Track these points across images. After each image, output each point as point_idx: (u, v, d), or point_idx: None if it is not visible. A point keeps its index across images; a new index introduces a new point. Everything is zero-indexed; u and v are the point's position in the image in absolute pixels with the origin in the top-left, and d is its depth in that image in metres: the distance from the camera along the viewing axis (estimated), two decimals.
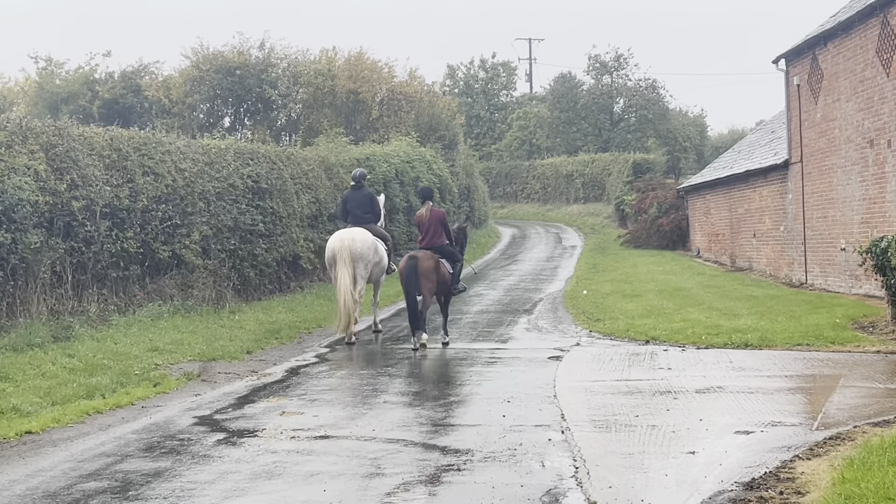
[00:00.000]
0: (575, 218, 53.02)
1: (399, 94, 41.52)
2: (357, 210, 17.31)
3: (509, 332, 17.49)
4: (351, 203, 17.51)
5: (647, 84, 64.21)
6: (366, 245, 16.42)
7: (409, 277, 15.27)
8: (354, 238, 16.35)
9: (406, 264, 15.39)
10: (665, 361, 13.48)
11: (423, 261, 15.34)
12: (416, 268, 15.26)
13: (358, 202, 17.41)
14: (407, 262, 15.44)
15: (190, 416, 10.45)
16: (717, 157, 38.25)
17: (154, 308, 16.90)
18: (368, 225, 17.11)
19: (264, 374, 13.35)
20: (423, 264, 15.31)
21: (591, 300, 21.62)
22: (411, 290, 15.31)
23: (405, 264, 15.42)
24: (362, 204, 17.38)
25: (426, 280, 15.27)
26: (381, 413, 10.39)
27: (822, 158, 22.39)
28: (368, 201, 17.54)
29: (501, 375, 12.84)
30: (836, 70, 21.57)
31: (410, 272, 15.27)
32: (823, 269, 22.53)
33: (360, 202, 17.41)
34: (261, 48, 42.69)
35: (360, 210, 17.30)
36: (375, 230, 17.23)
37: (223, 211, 19.58)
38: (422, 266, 15.28)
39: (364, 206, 17.39)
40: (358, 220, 17.18)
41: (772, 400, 10.45)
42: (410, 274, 15.27)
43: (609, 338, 16.43)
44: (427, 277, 15.28)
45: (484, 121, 70.54)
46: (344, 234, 16.51)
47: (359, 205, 17.36)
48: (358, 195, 17.55)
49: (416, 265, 15.28)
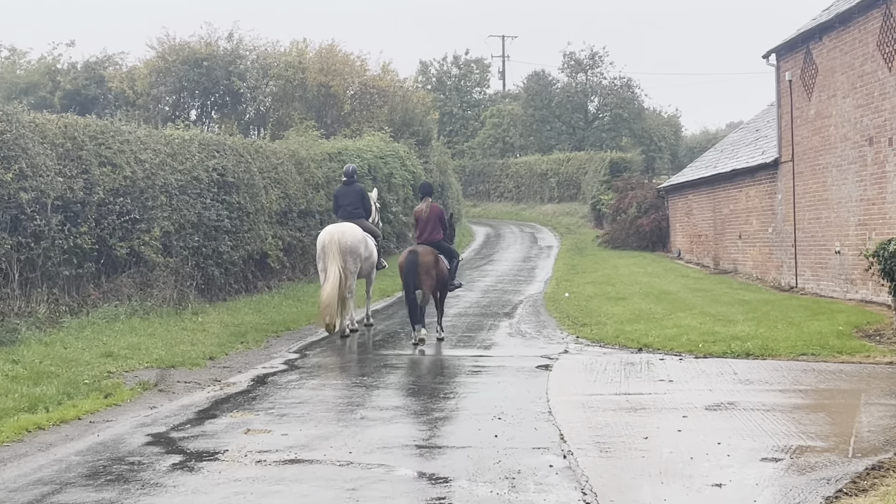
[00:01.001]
0: (549, 217, 52.04)
1: (372, 88, 40.40)
2: (348, 206, 17.20)
3: (491, 338, 16.40)
4: (342, 198, 17.41)
5: (623, 83, 63.44)
6: (356, 239, 16.30)
7: (409, 272, 15.16)
8: (344, 232, 16.23)
9: (406, 259, 15.29)
10: (664, 372, 12.44)
11: (423, 256, 15.24)
12: (416, 263, 15.17)
13: (349, 197, 17.31)
14: (407, 256, 15.34)
15: (143, 434, 9.29)
16: (699, 156, 37.37)
17: (110, 309, 15.69)
18: (358, 220, 17.03)
19: (228, 383, 12.19)
20: (424, 259, 15.22)
21: (575, 303, 20.59)
22: (411, 285, 15.19)
23: (405, 259, 15.32)
24: (353, 199, 17.27)
25: (426, 275, 15.20)
26: (359, 432, 9.27)
27: (816, 157, 21.46)
28: (359, 196, 17.41)
29: (488, 387, 11.75)
30: (832, 65, 20.64)
31: (411, 267, 15.16)
32: (815, 273, 21.60)
33: (350, 197, 17.30)
34: (229, 39, 41.45)
35: (350, 206, 17.19)
36: (365, 225, 17.15)
37: (186, 205, 18.38)
38: (422, 261, 15.19)
39: (355, 201, 17.27)
40: (348, 214, 17.07)
41: (792, 419, 9.41)
42: (411, 268, 15.16)
43: (598, 344, 15.38)
44: (427, 272, 15.21)
45: (457, 118, 69.42)
46: (333, 228, 16.42)
47: (350, 200, 17.25)
48: (349, 190, 17.44)
49: (417, 260, 15.18)
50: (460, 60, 71.30)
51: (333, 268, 15.91)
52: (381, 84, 40.56)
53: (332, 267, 15.93)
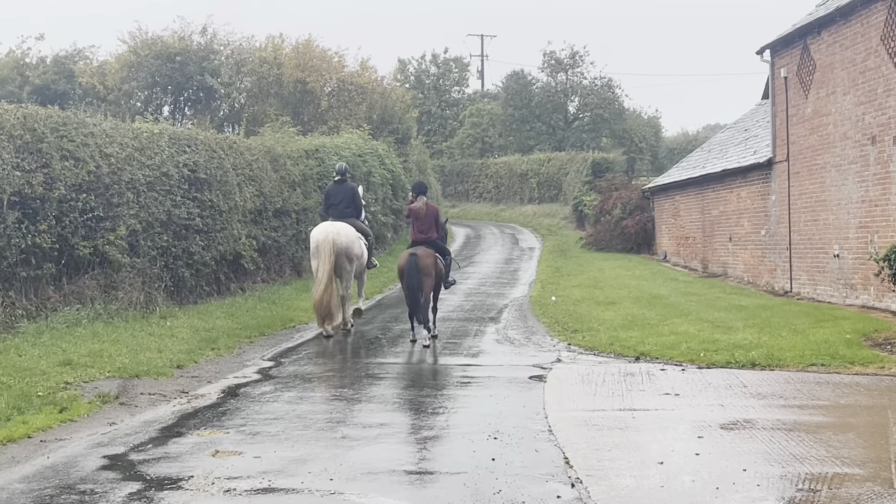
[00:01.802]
0: (530, 219, 51.15)
1: (350, 84, 39.39)
2: (339, 204, 17.01)
3: (478, 345, 15.47)
4: (333, 197, 17.19)
5: (603, 82, 62.60)
6: (350, 239, 16.30)
7: (410, 274, 15.13)
8: (339, 232, 16.19)
9: (408, 261, 15.25)
10: (668, 384, 11.55)
11: (423, 258, 15.29)
12: (417, 265, 15.18)
13: (340, 196, 17.12)
14: (408, 258, 15.30)
15: (98, 456, 8.30)
16: (685, 157, 36.52)
17: (71, 313, 14.68)
18: (350, 220, 16.86)
19: (196, 395, 11.21)
20: (424, 261, 15.27)
21: (563, 308, 19.69)
22: (413, 287, 15.14)
23: (406, 261, 15.29)
24: (344, 198, 17.09)
25: (427, 276, 15.27)
26: (340, 454, 8.32)
27: (813, 157, 20.65)
28: (351, 195, 17.22)
29: (480, 401, 10.81)
30: (831, 61, 19.83)
31: (412, 268, 15.15)
32: (812, 277, 20.79)
33: (342, 196, 17.12)
34: (203, 33, 40.39)
35: (341, 204, 17.01)
36: (358, 226, 17.05)
37: (155, 203, 17.37)
38: (422, 263, 15.23)
39: (346, 200, 17.09)
40: (339, 214, 16.88)
41: (820, 441, 8.52)
42: (412, 270, 15.14)
43: (592, 352, 14.49)
44: (427, 273, 15.29)
45: (435, 117, 68.38)
46: (329, 227, 16.28)
47: (341, 199, 17.07)
48: (340, 189, 17.26)
49: (417, 262, 15.21)
50: (439, 59, 70.29)
51: (326, 267, 15.84)
52: (359, 81, 39.56)
53: (325, 267, 15.85)
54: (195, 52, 39.77)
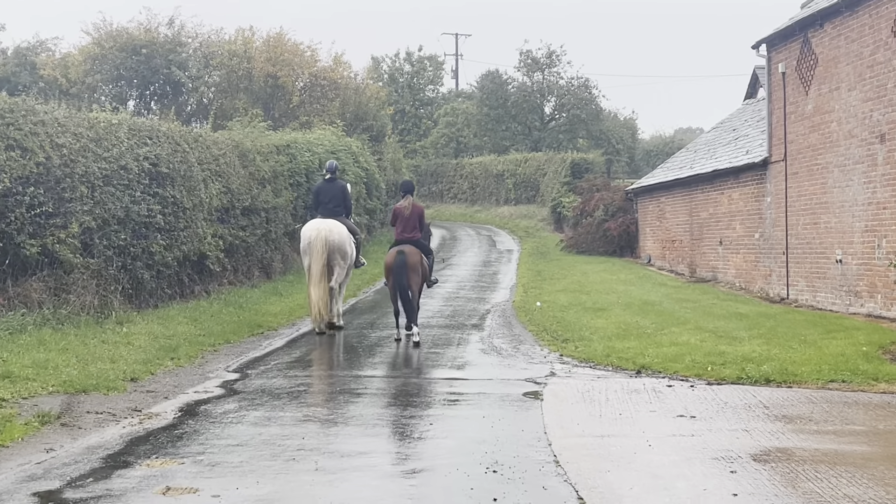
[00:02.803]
0: (506, 220, 49.93)
1: (323, 80, 38.05)
2: (329, 203, 16.81)
3: (463, 355, 14.23)
4: (323, 195, 16.96)
5: (580, 83, 61.47)
6: (342, 238, 16.25)
7: (399, 272, 15.06)
8: (331, 229, 16.14)
9: (395, 259, 15.16)
10: (679, 404, 10.37)
11: (410, 256, 15.22)
12: (405, 263, 15.11)
13: (330, 194, 16.91)
14: (396, 256, 15.19)
15: (28, 494, 7.01)
16: (671, 157, 35.41)
17: (16, 318, 13.31)
18: (341, 218, 16.74)
19: (150, 414, 9.91)
20: (411, 259, 15.22)
21: (550, 314, 18.50)
22: (402, 285, 15.06)
23: (394, 259, 15.19)
24: (334, 196, 16.89)
25: (414, 274, 15.25)
26: (313, 491, 7.06)
27: (814, 156, 19.55)
28: (341, 194, 17.03)
29: (471, 423, 9.55)
30: (835, 54, 18.73)
31: (401, 267, 15.08)
32: (811, 284, 19.69)
33: (332, 194, 16.91)
34: (170, 25, 39.03)
35: (331, 203, 16.81)
36: (348, 224, 16.91)
37: (111, 198, 16.00)
38: (410, 261, 15.18)
39: (336, 198, 16.89)
40: (329, 212, 16.71)
41: (874, 479, 7.33)
42: (401, 268, 15.08)
43: (587, 364, 13.29)
44: (415, 271, 15.28)
45: (409, 116, 67.00)
46: (321, 224, 16.22)
47: (331, 197, 16.86)
48: (330, 187, 17.03)
49: (405, 260, 15.14)
50: (413, 57, 68.89)
51: (318, 265, 15.86)
52: (332, 76, 38.23)
53: (317, 264, 15.87)
54: (162, 44, 38.41)
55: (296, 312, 19.07)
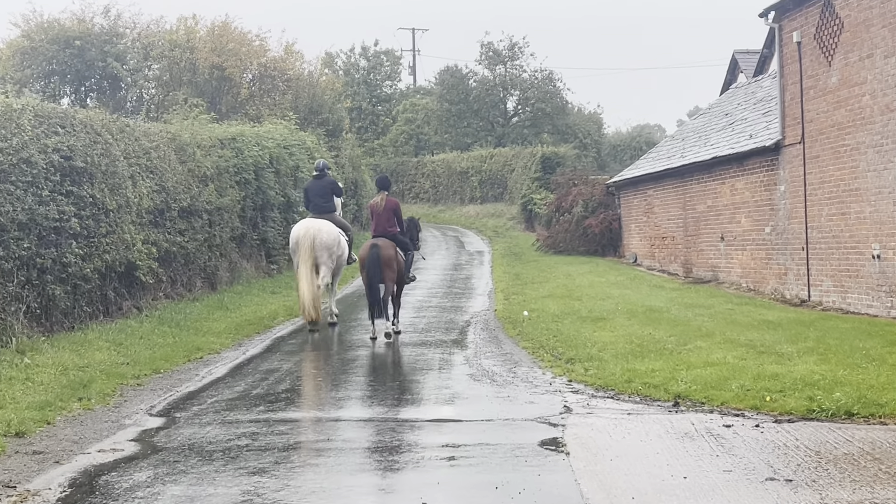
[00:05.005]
0: (473, 220, 47.14)
1: (273, 70, 35.08)
2: (318, 199, 16.97)
3: (449, 384, 11.44)
4: (312, 192, 17.17)
5: (544, 75, 58.92)
6: (331, 237, 16.21)
7: (372, 266, 14.78)
8: (320, 229, 16.14)
9: (369, 253, 14.88)
10: (755, 456, 7.67)
11: (384, 249, 14.92)
12: (378, 256, 14.80)
13: (319, 191, 17.05)
14: (369, 250, 14.91)
15: None
16: (655, 147, 32.83)
17: None
18: (330, 214, 16.88)
19: (25, 493, 7.04)
20: (385, 252, 14.91)
21: (542, 326, 15.77)
22: (375, 278, 14.74)
23: (367, 253, 14.91)
24: (324, 193, 17.03)
25: (388, 269, 14.90)
26: None
27: (841, 136, 16.96)
28: (330, 190, 17.17)
29: (481, 499, 6.76)
30: (866, 16, 16.14)
31: (374, 261, 14.78)
32: (839, 283, 17.08)
33: (321, 191, 17.05)
34: (105, 15, 35.95)
35: (321, 199, 16.96)
36: (338, 220, 17.07)
37: (10, 198, 12.96)
38: (384, 255, 14.87)
39: (325, 195, 17.04)
40: (319, 208, 16.91)
41: None
42: (374, 262, 14.78)
43: (607, 394, 10.59)
44: (389, 266, 14.91)
45: (366, 113, 64.02)
46: (310, 224, 16.29)
47: (320, 194, 17.01)
48: (319, 185, 17.18)
49: (379, 253, 14.82)
50: (369, 52, 65.94)
51: (307, 265, 15.83)
52: (283, 66, 35.28)
53: (305, 264, 15.83)
54: (97, 35, 35.41)
55: (243, 330, 16.26)
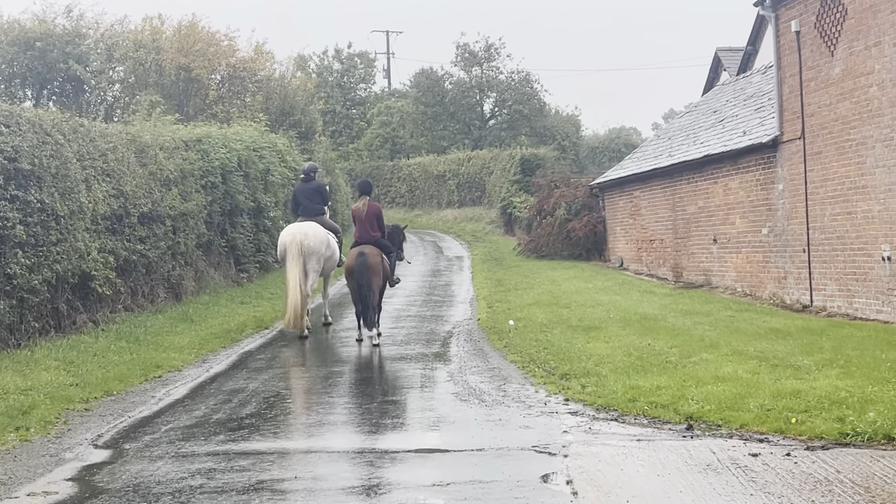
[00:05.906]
0: (451, 224, 45.98)
1: (243, 71, 33.82)
2: (306, 201, 16.93)
3: (433, 406, 10.29)
4: (301, 195, 17.12)
5: (521, 77, 57.89)
6: (318, 240, 16.04)
7: (360, 273, 14.81)
8: (307, 233, 15.94)
9: (357, 260, 14.92)
10: (793, 493, 6.57)
11: (371, 256, 14.98)
12: (366, 264, 14.84)
13: (308, 194, 17.03)
14: (357, 257, 14.95)
15: None
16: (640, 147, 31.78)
17: None
18: (320, 217, 16.87)
19: None
20: (372, 260, 14.96)
21: (530, 336, 14.65)
22: (363, 286, 14.77)
23: (355, 260, 14.96)
24: (312, 195, 17.03)
25: (375, 276, 14.94)
26: None
27: (845, 130, 15.92)
28: (318, 192, 17.17)
29: None
30: (872, 2, 15.11)
31: (362, 267, 14.82)
32: (845, 287, 16.04)
33: (309, 194, 17.03)
34: (68, 15, 34.60)
35: (310, 201, 16.93)
36: (327, 223, 17.04)
37: None
38: (371, 261, 14.92)
39: (314, 197, 17.04)
40: (309, 211, 16.87)
41: None
42: (362, 269, 14.81)
43: (610, 416, 9.47)
44: (375, 272, 14.96)
45: (340, 117, 62.71)
46: (296, 229, 16.11)
47: (309, 196, 16.99)
48: (307, 187, 17.16)
49: (367, 261, 14.86)
50: (342, 54, 64.64)
51: (295, 271, 15.63)
52: (253, 67, 34.02)
53: (294, 270, 15.63)
54: (59, 36, 34.12)
55: (209, 344, 15.08)
